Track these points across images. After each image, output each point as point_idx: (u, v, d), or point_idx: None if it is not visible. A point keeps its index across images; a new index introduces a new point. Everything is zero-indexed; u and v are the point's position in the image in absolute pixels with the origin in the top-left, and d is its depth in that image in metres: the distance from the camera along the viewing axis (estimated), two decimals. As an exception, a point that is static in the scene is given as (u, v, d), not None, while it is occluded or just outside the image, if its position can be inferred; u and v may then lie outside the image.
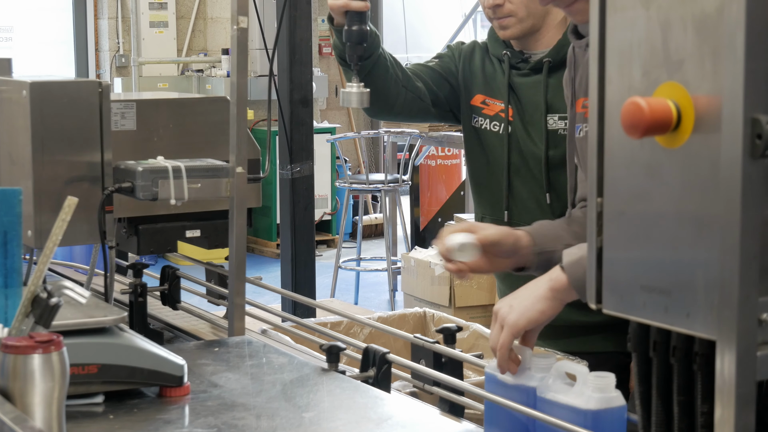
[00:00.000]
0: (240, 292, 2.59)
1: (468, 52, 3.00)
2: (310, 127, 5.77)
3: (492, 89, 2.92)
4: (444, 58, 3.03)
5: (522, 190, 2.87)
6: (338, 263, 8.44)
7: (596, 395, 1.81)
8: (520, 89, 2.87)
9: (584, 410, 1.80)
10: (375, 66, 2.80)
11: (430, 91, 2.95)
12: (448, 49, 3.06)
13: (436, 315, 3.37)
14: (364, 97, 2.65)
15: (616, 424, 1.81)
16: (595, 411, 1.80)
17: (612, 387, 1.82)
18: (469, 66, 2.98)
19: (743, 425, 1.28)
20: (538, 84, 2.83)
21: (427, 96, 2.94)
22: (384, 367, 2.25)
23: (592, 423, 1.78)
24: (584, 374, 1.85)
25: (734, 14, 1.24)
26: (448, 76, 2.98)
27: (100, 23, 11.40)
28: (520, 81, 2.88)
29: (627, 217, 1.40)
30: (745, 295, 1.26)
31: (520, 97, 2.87)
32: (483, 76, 2.94)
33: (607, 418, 1.80)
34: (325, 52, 12.02)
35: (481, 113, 2.93)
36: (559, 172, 2.79)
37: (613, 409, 1.81)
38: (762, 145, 1.24)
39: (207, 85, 10.87)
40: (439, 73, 2.98)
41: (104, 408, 2.04)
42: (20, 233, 1.90)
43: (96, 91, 2.52)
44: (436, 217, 9.25)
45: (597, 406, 1.80)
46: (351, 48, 2.65)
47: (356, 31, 2.64)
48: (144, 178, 2.46)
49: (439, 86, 2.96)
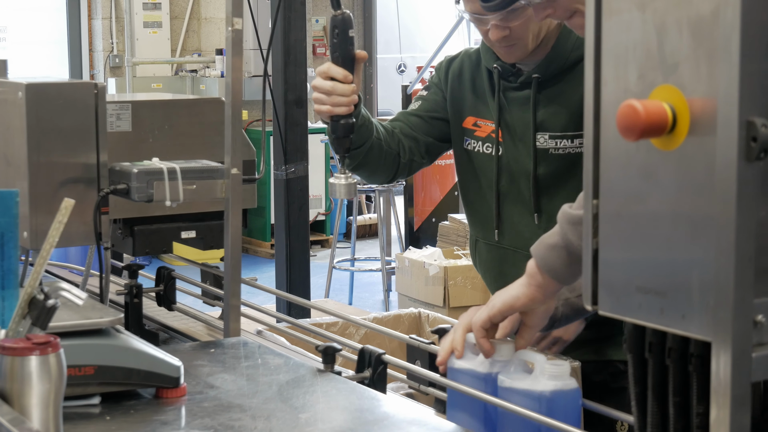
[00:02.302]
0: (236, 293, 2.59)
1: (456, 72, 2.91)
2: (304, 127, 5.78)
3: (483, 110, 2.84)
4: (431, 92, 2.94)
5: (513, 212, 2.80)
6: (332, 263, 8.44)
7: (551, 381, 1.93)
8: (510, 106, 2.79)
9: (539, 394, 1.92)
10: (368, 152, 2.76)
11: (423, 143, 2.88)
12: (436, 73, 2.97)
13: (431, 315, 3.38)
14: (351, 189, 2.59)
15: (570, 408, 1.93)
16: (550, 396, 1.92)
17: (567, 374, 1.94)
18: (459, 88, 2.90)
19: (739, 426, 1.29)
20: (528, 100, 2.78)
21: (422, 149, 2.88)
22: (380, 368, 2.26)
23: (546, 407, 1.90)
24: (541, 362, 1.96)
25: (729, 17, 1.25)
26: (437, 113, 2.91)
27: (93, 23, 11.39)
28: (511, 96, 2.79)
29: (623, 219, 1.41)
30: (741, 297, 1.27)
31: (510, 116, 2.80)
32: (473, 97, 2.87)
33: (561, 401, 1.92)
34: (319, 53, 12.04)
35: (473, 135, 2.85)
36: (548, 193, 2.73)
37: (567, 393, 1.93)
38: (757, 148, 1.24)
39: (201, 85, 10.87)
40: (427, 120, 2.90)
41: (101, 409, 2.05)
42: (17, 235, 1.91)
43: (92, 92, 2.52)
44: (430, 217, 9.25)
45: (551, 390, 1.92)
46: (337, 141, 2.60)
47: (342, 125, 2.57)
48: (139, 179, 2.46)
49: (429, 132, 2.90)
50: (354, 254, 8.99)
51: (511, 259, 2.81)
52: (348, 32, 2.53)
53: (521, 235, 2.77)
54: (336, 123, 2.57)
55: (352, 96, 2.56)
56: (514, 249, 2.80)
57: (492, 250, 2.86)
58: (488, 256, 2.88)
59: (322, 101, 2.57)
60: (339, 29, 2.53)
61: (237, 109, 2.55)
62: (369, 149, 2.75)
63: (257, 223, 10.46)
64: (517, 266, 2.72)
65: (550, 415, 1.89)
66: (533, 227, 2.75)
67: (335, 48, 2.57)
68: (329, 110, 2.56)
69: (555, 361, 1.98)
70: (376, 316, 3.37)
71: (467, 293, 6.38)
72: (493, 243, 2.84)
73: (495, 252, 2.85)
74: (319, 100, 2.57)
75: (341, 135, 2.58)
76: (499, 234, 2.82)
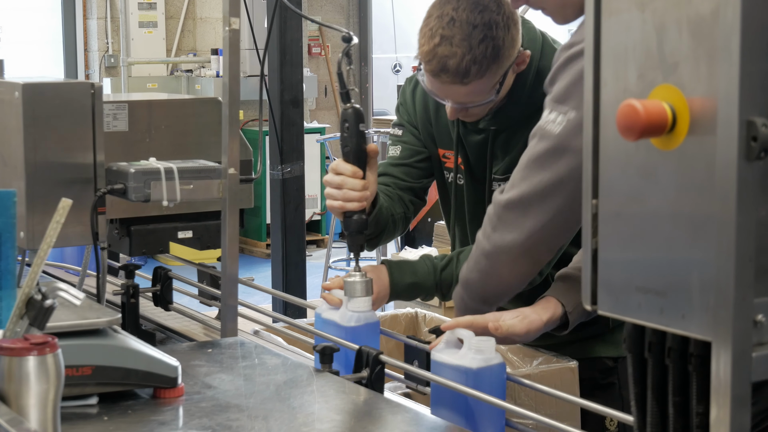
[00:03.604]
0: (233, 293, 2.59)
1: (421, 102, 2.89)
2: (300, 127, 5.78)
3: (446, 142, 2.85)
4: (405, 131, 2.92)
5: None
6: (328, 263, 8.44)
7: (478, 356, 2.14)
8: (468, 146, 2.80)
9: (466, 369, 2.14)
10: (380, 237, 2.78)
11: (419, 188, 2.91)
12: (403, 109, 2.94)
13: (427, 315, 3.37)
14: (368, 286, 2.50)
15: (495, 381, 2.15)
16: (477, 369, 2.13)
17: (492, 349, 2.16)
18: (426, 119, 2.89)
19: (739, 426, 1.28)
20: (485, 145, 2.77)
21: (420, 193, 2.92)
22: (377, 368, 2.25)
23: (474, 380, 2.12)
24: (469, 338, 2.17)
25: (729, 17, 1.24)
26: (420, 154, 2.91)
27: (89, 23, 11.38)
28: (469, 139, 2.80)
29: (622, 219, 1.40)
30: (741, 297, 1.26)
31: (469, 154, 2.82)
32: (437, 130, 2.87)
33: (486, 375, 2.14)
34: (314, 53, 12.03)
35: (445, 167, 2.89)
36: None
37: (492, 367, 2.14)
38: (757, 148, 1.24)
39: (196, 85, 10.87)
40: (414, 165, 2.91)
41: (98, 409, 2.04)
42: (14, 235, 1.90)
43: (88, 92, 2.52)
44: (425, 217, 9.24)
45: (478, 365, 2.13)
46: (350, 237, 2.56)
47: (354, 221, 2.54)
48: (136, 179, 2.46)
49: (421, 176, 2.91)
50: (349, 254, 8.99)
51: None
52: (359, 126, 2.50)
53: None
54: (349, 219, 2.54)
55: (364, 192, 2.53)
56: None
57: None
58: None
59: (333, 197, 2.54)
60: (350, 123, 2.49)
61: (234, 109, 2.55)
62: (381, 233, 2.78)
63: (253, 223, 10.45)
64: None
65: (478, 387, 2.09)
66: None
67: (346, 142, 2.53)
68: (341, 206, 2.54)
69: (482, 338, 2.17)
70: (372, 316, 3.36)
71: (463, 293, 6.37)
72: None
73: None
74: (331, 195, 2.55)
75: (354, 232, 2.54)
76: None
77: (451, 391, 2.14)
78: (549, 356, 2.70)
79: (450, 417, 2.15)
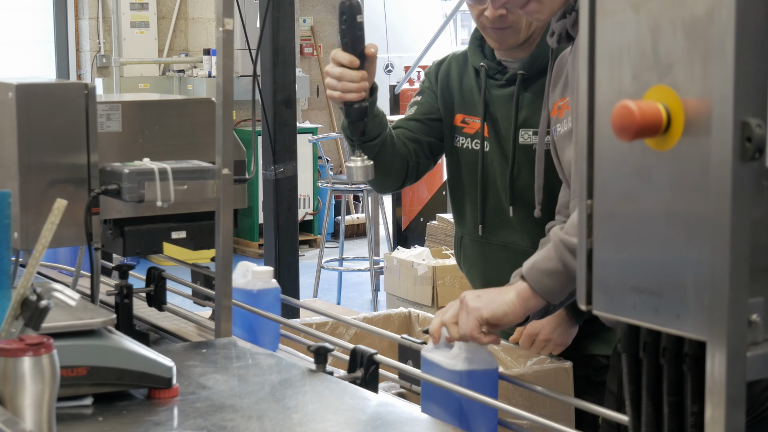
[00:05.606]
0: (227, 293, 2.59)
1: (444, 73, 2.97)
2: (293, 127, 5.78)
3: (470, 107, 2.89)
4: (424, 96, 2.99)
5: (493, 205, 2.87)
6: (321, 263, 8.44)
7: (467, 357, 2.14)
8: (495, 103, 2.84)
9: (457, 371, 2.13)
10: (382, 146, 2.78)
11: (426, 144, 2.92)
12: (426, 78, 3.02)
13: (420, 315, 3.37)
14: (368, 170, 2.63)
15: (488, 383, 2.14)
16: (468, 371, 2.13)
17: (485, 350, 2.17)
18: (447, 87, 2.95)
19: (733, 425, 1.29)
20: (512, 98, 2.81)
21: (426, 150, 2.92)
22: (372, 367, 2.26)
23: (467, 381, 2.11)
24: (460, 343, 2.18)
25: (724, 18, 1.25)
26: (433, 114, 2.96)
27: (80, 23, 11.37)
28: (496, 93, 2.84)
29: (617, 219, 1.41)
30: (735, 296, 1.27)
31: (495, 112, 2.85)
32: (461, 95, 2.92)
33: (478, 377, 2.14)
34: (306, 53, 12.03)
35: (462, 132, 2.91)
36: (523, 186, 2.79)
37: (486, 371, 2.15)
38: (752, 148, 1.25)
39: (188, 85, 10.86)
40: (425, 122, 2.94)
41: (93, 410, 2.04)
42: (9, 236, 1.90)
43: (82, 92, 2.51)
44: (418, 217, 9.26)
45: (468, 367, 2.13)
46: (351, 125, 2.66)
47: (355, 109, 2.64)
48: (130, 180, 2.46)
49: (430, 133, 2.94)
50: (342, 254, 8.99)
51: (495, 255, 2.88)
52: (356, 18, 2.58)
53: (498, 227, 2.84)
54: (349, 107, 2.63)
55: (362, 83, 2.60)
56: (497, 244, 2.88)
57: (476, 246, 2.92)
58: (473, 253, 2.94)
59: (333, 87, 2.63)
60: (347, 15, 2.58)
61: (228, 109, 2.55)
62: (383, 143, 2.79)
63: (245, 224, 10.44)
64: (501, 262, 2.78)
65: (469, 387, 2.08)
66: (508, 218, 2.83)
67: (344, 34, 2.61)
68: (340, 96, 2.62)
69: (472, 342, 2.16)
70: (366, 315, 3.37)
71: (456, 293, 6.37)
72: (477, 239, 2.90)
73: (479, 248, 2.91)
74: (330, 86, 2.64)
75: (355, 118, 2.64)
76: (483, 229, 2.87)
77: (442, 390, 2.14)
78: (543, 356, 2.71)
79: (441, 416, 2.15)
